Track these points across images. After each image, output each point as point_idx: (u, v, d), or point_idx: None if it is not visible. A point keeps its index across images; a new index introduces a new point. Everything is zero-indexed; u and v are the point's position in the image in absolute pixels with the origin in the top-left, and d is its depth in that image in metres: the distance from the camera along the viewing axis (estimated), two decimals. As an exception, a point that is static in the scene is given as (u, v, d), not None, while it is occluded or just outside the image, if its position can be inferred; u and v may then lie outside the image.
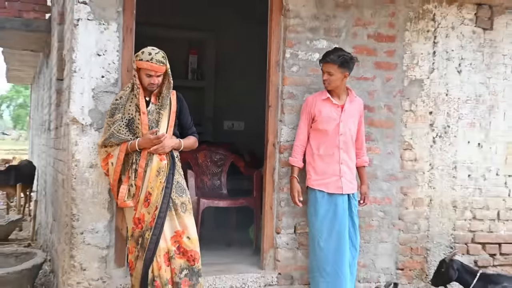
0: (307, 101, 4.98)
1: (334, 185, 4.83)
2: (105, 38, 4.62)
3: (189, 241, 4.29)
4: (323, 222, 4.81)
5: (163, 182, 4.24)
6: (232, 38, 9.01)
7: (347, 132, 4.88)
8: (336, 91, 4.90)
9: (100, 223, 4.63)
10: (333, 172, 4.84)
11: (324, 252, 4.80)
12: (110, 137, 4.26)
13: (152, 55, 4.22)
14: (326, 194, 4.83)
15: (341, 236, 4.79)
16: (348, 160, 4.90)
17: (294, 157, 4.96)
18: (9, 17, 7.40)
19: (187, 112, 4.58)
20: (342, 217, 4.81)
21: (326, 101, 4.89)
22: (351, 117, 4.92)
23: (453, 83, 5.75)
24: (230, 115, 9.37)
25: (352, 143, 4.95)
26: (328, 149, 4.86)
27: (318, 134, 4.89)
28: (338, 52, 4.85)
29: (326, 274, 4.80)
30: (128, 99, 4.32)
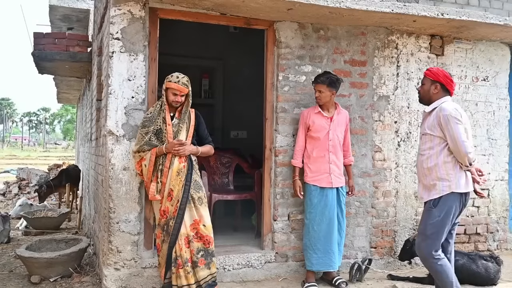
0: (303, 114, 4.99)
1: (325, 180, 4.83)
2: (134, 67, 4.61)
3: (204, 228, 4.27)
4: (316, 210, 4.83)
5: (183, 180, 4.23)
6: (236, 65, 8.99)
7: (336, 138, 4.89)
8: (326, 106, 4.91)
9: (131, 214, 4.60)
10: (324, 170, 4.84)
11: (317, 233, 4.82)
12: (144, 144, 4.28)
13: (179, 78, 4.30)
14: (319, 188, 4.83)
15: (330, 221, 4.81)
16: (336, 160, 4.89)
17: (295, 159, 4.98)
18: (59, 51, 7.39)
19: (204, 125, 4.58)
20: (331, 206, 4.82)
21: (318, 114, 4.91)
22: (339, 126, 4.94)
23: (413, 98, 5.72)
24: (235, 126, 9.34)
25: (340, 146, 4.95)
26: (320, 152, 4.86)
27: (312, 140, 4.90)
28: (326, 74, 4.89)
29: (318, 250, 4.82)
30: (158, 114, 4.32)
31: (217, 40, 8.73)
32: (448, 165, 3.88)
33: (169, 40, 6.40)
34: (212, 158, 6.74)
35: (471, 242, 6.03)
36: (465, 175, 3.89)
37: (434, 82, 4.04)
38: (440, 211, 3.87)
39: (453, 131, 3.79)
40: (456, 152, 3.81)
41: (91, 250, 6.17)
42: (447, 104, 3.91)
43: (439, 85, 4.01)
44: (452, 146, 3.81)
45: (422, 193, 4.06)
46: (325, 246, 4.81)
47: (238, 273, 4.99)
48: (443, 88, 4.01)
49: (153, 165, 4.28)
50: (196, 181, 4.33)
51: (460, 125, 3.80)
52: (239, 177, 6.96)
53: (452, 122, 3.79)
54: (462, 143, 3.76)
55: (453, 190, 3.85)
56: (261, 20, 5.14)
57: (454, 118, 3.80)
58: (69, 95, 14.55)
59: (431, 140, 3.95)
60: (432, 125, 3.93)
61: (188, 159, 4.33)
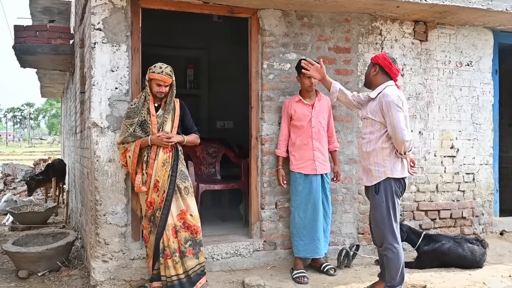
0: (284, 104, 5.03)
1: (310, 167, 4.86)
2: (117, 57, 4.58)
3: (192, 217, 4.29)
4: (301, 197, 4.87)
5: (169, 171, 4.23)
6: (221, 54, 8.96)
7: (318, 125, 4.92)
8: (308, 93, 4.92)
9: (118, 206, 4.59)
10: (308, 157, 4.87)
11: (302, 220, 4.87)
12: (128, 136, 4.27)
13: (162, 69, 4.27)
14: (303, 175, 4.87)
15: (315, 208, 4.85)
16: (320, 147, 4.92)
17: (279, 149, 5.03)
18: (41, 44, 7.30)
19: (189, 115, 4.58)
20: (316, 192, 4.85)
21: (299, 102, 4.93)
22: (321, 113, 4.96)
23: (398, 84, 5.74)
24: (221, 116, 9.31)
25: (324, 133, 4.98)
26: (303, 139, 4.89)
27: (295, 129, 4.93)
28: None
29: (304, 237, 4.87)
30: (142, 105, 4.31)
31: (201, 30, 8.69)
32: (385, 151, 3.96)
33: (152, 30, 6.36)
34: (199, 148, 6.73)
35: (457, 226, 6.10)
36: (400, 161, 3.98)
37: (374, 64, 4.12)
38: (382, 196, 3.97)
39: (393, 118, 3.84)
40: (394, 139, 3.88)
41: (79, 244, 6.15)
42: (390, 90, 3.95)
43: (378, 67, 4.06)
44: (391, 132, 3.88)
45: (362, 174, 4.20)
46: (310, 233, 4.85)
47: (227, 262, 5.01)
48: (382, 70, 4.05)
49: (137, 157, 4.28)
50: (182, 171, 4.33)
51: (401, 113, 3.86)
52: (226, 167, 6.96)
53: (393, 108, 3.84)
54: (401, 130, 3.82)
55: (388, 176, 3.94)
56: (244, 8, 5.12)
57: (395, 105, 3.84)
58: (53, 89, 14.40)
59: (372, 125, 4.02)
60: (374, 110, 4.00)
61: (174, 149, 4.33)
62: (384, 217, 3.97)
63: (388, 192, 3.96)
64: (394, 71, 4.05)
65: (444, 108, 6.02)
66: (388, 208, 3.96)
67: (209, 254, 4.91)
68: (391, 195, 3.96)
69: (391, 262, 3.98)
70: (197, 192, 5.90)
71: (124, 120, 4.34)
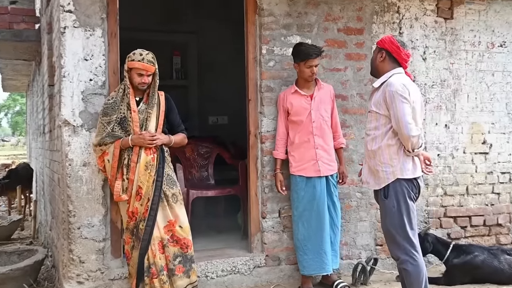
0: (279, 97, 5.07)
1: (312, 169, 4.87)
2: (91, 44, 4.58)
3: (181, 229, 4.30)
4: (303, 204, 4.88)
5: (153, 175, 4.24)
6: (212, 39, 8.96)
7: (320, 119, 4.92)
8: (306, 83, 4.94)
9: (95, 217, 4.60)
10: (310, 157, 4.88)
11: (306, 231, 4.89)
12: (106, 136, 4.27)
13: (143, 56, 4.28)
14: (305, 178, 4.88)
15: (320, 216, 4.85)
16: (323, 144, 4.92)
17: (276, 150, 5.05)
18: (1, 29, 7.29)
19: (175, 111, 4.59)
20: (320, 197, 4.86)
21: (295, 93, 4.95)
22: (322, 104, 4.96)
23: (419, 70, 5.77)
24: (214, 110, 9.32)
25: (328, 128, 4.97)
26: (303, 136, 4.90)
27: (294, 125, 4.95)
28: (313, 45, 4.96)
29: (308, 251, 4.87)
30: (121, 100, 4.32)
31: (189, 11, 8.68)
32: (392, 148, 3.92)
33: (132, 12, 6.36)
34: (188, 149, 6.74)
35: (492, 235, 6.11)
36: (411, 159, 3.94)
37: (380, 49, 4.08)
38: (392, 200, 3.92)
39: (397, 110, 3.80)
40: (399, 134, 3.85)
41: (49, 262, 6.16)
42: (395, 78, 3.91)
43: (385, 52, 4.02)
44: (396, 126, 3.84)
45: (368, 177, 4.13)
46: (315, 246, 4.84)
47: (223, 281, 5.02)
48: (389, 56, 4.02)
49: (117, 160, 4.28)
50: (169, 176, 4.34)
51: (406, 104, 3.79)
52: (221, 170, 6.97)
53: (397, 99, 3.80)
54: (405, 124, 3.77)
55: (398, 177, 3.90)
56: (239, -16, 5.14)
57: (400, 95, 3.80)
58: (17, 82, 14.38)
59: (377, 119, 3.99)
60: (378, 102, 3.95)
61: (158, 150, 4.34)
62: (396, 224, 3.92)
63: (400, 195, 3.91)
64: (403, 57, 4.03)
65: (474, 96, 6.03)
66: (400, 213, 3.91)
67: (202, 271, 4.92)
68: (403, 198, 3.91)
69: (411, 276, 3.94)
70: (187, 200, 5.91)
71: (100, 118, 4.34)
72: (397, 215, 3.91)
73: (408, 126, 3.77)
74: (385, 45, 4.03)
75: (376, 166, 4.00)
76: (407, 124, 3.78)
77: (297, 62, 4.91)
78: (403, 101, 3.80)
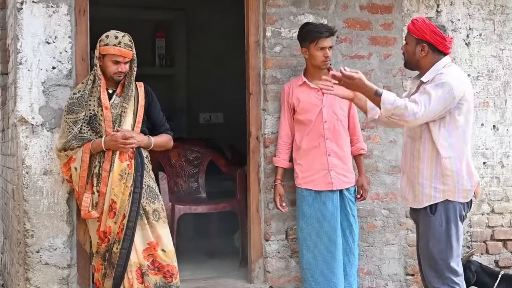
0: (283, 91, 5.04)
1: (323, 180, 4.82)
2: (55, 23, 4.59)
3: (164, 254, 4.29)
4: (310, 224, 4.83)
5: (130, 186, 4.23)
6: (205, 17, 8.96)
7: (333, 118, 4.87)
8: (318, 72, 4.88)
9: (58, 238, 4.60)
10: (321, 166, 4.83)
11: (313, 257, 4.82)
12: (72, 139, 4.25)
13: (119, 39, 4.27)
14: (314, 192, 4.84)
15: (331, 240, 4.80)
16: (337, 150, 4.88)
17: (277, 157, 5.00)
18: None
19: (158, 106, 4.59)
20: (331, 217, 4.81)
21: (303, 86, 4.90)
22: (337, 100, 4.83)
23: (461, 57, 5.77)
24: (206, 106, 9.33)
25: (343, 129, 4.94)
26: (312, 140, 4.86)
27: (301, 126, 4.91)
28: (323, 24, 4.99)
29: (315, 284, 4.81)
30: (90, 93, 4.31)
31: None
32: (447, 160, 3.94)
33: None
34: (174, 154, 6.75)
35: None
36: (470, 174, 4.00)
37: (419, 41, 4.02)
38: (440, 218, 3.93)
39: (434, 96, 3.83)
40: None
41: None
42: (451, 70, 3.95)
43: (427, 46, 4.01)
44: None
45: (406, 192, 4.12)
46: (324, 278, 4.77)
47: (216, 318, 5.04)
48: (432, 48, 4.02)
49: (87, 168, 4.28)
50: (149, 187, 4.35)
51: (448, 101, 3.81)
52: (214, 180, 6.98)
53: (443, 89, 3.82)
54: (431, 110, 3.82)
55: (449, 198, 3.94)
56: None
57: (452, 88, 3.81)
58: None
59: None
60: None
61: (136, 154, 4.33)
62: (443, 248, 3.92)
63: (451, 213, 3.93)
64: (448, 46, 4.05)
65: (529, 91, 6.04)
66: (449, 235, 3.91)
67: (190, 306, 4.93)
68: (454, 217, 3.93)
69: None
70: (173, 217, 5.92)
71: (65, 116, 4.34)
72: (445, 237, 3.92)
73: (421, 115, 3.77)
74: (426, 37, 4.00)
75: (420, 179, 3.99)
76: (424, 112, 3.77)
77: (306, 46, 4.86)
78: (446, 95, 3.81)
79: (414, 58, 4.09)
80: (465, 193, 3.94)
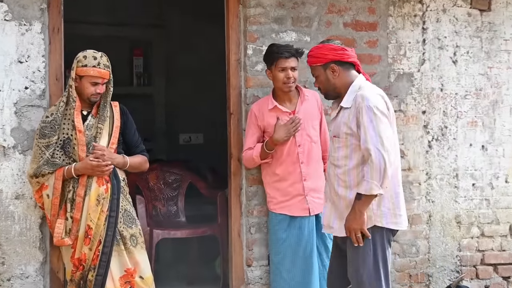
0: (252, 111, 4.95)
1: (299, 206, 4.81)
2: (28, 41, 4.60)
3: (142, 281, 4.30)
4: (284, 248, 4.81)
5: (106, 211, 4.22)
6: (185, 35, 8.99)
7: (307, 141, 4.86)
8: (285, 94, 4.88)
9: (30, 266, 4.58)
10: (296, 192, 4.82)
11: (287, 284, 4.79)
12: (44, 164, 4.24)
13: (98, 59, 4.27)
14: (289, 217, 4.83)
15: (308, 264, 4.79)
16: (313, 173, 4.88)
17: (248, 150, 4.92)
18: None
19: (133, 126, 4.59)
20: (307, 241, 4.81)
21: (274, 110, 4.85)
22: (309, 121, 4.87)
23: (448, 75, 5.80)
24: (186, 126, 9.31)
25: (317, 150, 4.94)
26: (287, 166, 4.84)
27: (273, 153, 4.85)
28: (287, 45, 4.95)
29: None
30: (63, 116, 4.30)
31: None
32: None
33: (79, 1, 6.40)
34: (153, 176, 6.73)
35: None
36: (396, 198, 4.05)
37: (326, 66, 4.04)
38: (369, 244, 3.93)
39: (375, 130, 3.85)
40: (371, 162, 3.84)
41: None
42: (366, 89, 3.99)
43: (335, 65, 4.04)
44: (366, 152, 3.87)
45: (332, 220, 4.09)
46: None
47: None
48: (341, 64, 4.04)
49: (59, 195, 4.27)
50: (126, 211, 4.35)
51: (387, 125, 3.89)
52: (194, 203, 6.96)
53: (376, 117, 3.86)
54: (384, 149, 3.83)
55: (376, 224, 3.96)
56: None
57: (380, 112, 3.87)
58: None
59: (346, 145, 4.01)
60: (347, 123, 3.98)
61: (112, 177, 4.33)
62: (372, 275, 3.94)
63: (378, 240, 3.96)
64: (351, 54, 4.08)
65: (518, 110, 6.08)
66: (376, 262, 3.95)
67: (169, 336, 4.91)
68: (381, 244, 3.96)
69: None
70: (151, 242, 5.90)
71: (36, 140, 4.33)
72: (372, 263, 3.94)
73: (388, 152, 3.80)
74: (329, 57, 4.00)
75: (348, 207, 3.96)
76: (386, 149, 3.80)
77: (269, 67, 4.85)
78: (382, 120, 3.86)
79: (330, 84, 4.08)
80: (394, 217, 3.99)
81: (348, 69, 4.07)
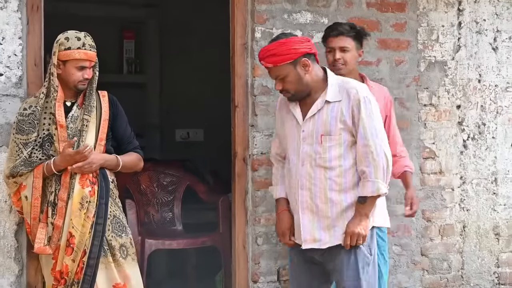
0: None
1: None
2: (2, 21, 4.60)
3: (133, 298, 4.28)
4: None
5: (92, 216, 4.21)
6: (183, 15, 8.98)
7: None
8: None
9: (4, 279, 4.59)
10: None
11: None
12: (21, 164, 4.22)
13: (82, 40, 4.22)
14: None
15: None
16: None
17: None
18: None
19: (125, 119, 4.56)
20: None
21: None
22: None
23: (487, 64, 5.81)
24: (184, 121, 9.33)
25: None
26: None
27: None
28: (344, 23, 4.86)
29: None
30: (43, 108, 4.29)
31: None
32: None
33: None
34: (145, 178, 6.74)
35: None
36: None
37: (296, 61, 3.99)
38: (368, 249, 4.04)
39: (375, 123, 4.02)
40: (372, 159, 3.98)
41: None
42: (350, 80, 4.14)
43: (306, 59, 4.01)
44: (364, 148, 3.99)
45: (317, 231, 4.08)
46: None
47: None
48: (310, 57, 4.03)
49: (40, 196, 4.26)
50: (116, 218, 4.34)
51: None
52: (193, 209, 6.97)
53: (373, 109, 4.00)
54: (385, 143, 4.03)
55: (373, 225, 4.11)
56: None
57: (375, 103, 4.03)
58: None
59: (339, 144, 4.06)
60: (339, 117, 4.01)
61: (100, 178, 4.32)
62: (372, 279, 4.05)
63: (374, 241, 4.12)
64: (310, 46, 4.08)
65: None
66: (374, 264, 4.10)
67: None
68: (375, 244, 4.14)
69: None
70: (143, 254, 5.90)
71: (14, 135, 4.31)
72: (372, 267, 4.06)
73: (388, 147, 3.97)
74: (299, 51, 3.96)
75: (347, 212, 4.00)
76: (386, 144, 3.96)
77: None
78: (378, 114, 4.03)
79: (302, 83, 4.03)
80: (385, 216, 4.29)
81: (314, 62, 4.07)
